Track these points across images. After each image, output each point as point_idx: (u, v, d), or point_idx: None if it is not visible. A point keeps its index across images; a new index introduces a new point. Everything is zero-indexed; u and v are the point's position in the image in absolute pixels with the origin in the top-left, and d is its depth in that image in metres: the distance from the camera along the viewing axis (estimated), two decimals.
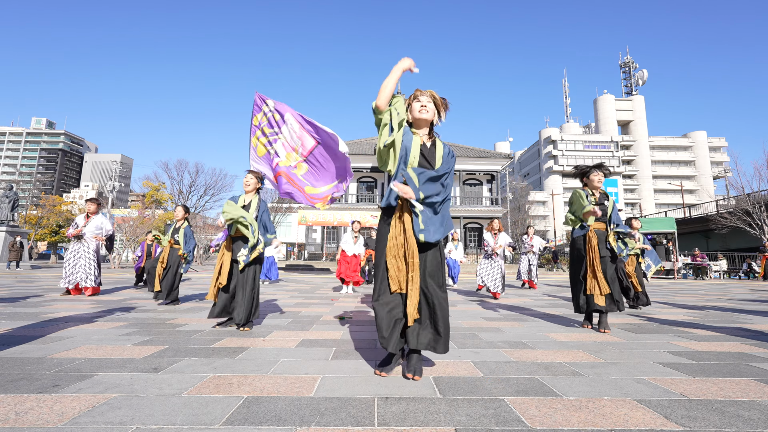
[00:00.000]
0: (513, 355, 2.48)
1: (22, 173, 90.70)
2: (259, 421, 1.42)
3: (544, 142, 67.31)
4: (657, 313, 4.75)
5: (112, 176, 34.50)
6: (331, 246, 29.20)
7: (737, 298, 6.99)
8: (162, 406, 1.55)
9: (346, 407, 1.56)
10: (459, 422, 1.43)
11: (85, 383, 1.80)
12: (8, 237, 15.79)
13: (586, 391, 1.79)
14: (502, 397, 1.70)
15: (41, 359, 2.19)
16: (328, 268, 19.55)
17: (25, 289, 6.47)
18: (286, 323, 3.62)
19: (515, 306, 5.30)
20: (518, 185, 45.13)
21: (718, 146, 68.62)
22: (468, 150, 30.36)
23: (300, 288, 8.18)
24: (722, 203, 29.12)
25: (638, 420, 1.47)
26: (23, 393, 1.66)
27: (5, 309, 4.17)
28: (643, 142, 65.99)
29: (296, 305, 5.08)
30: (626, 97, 70.84)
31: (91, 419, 1.41)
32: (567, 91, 79.85)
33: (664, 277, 17.46)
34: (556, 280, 12.75)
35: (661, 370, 2.17)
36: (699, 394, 1.77)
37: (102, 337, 2.81)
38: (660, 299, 6.58)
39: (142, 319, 3.67)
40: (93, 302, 4.93)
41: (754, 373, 2.11)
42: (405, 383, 1.88)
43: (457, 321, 3.86)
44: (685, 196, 56.08)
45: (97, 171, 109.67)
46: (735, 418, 1.51)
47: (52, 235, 32.36)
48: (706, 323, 3.93)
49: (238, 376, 1.96)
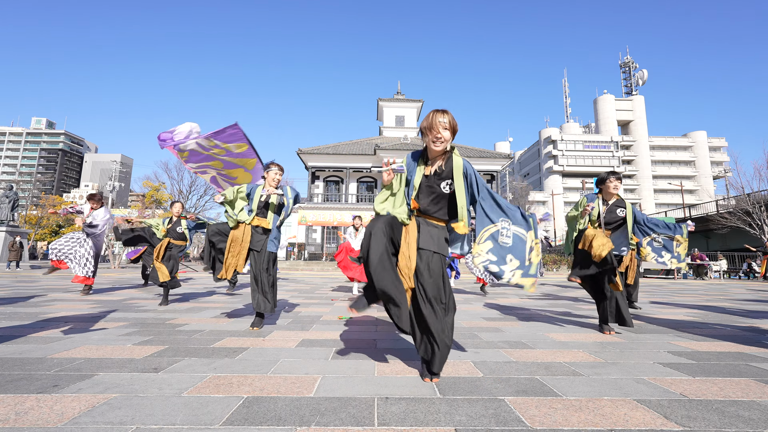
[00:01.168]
0: (513, 355, 2.48)
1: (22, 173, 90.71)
2: (259, 421, 1.42)
3: (544, 142, 67.31)
4: (657, 313, 4.75)
5: (112, 176, 34.53)
6: (331, 246, 29.18)
7: (737, 298, 6.99)
8: (162, 406, 1.55)
9: (346, 407, 1.56)
10: (459, 422, 1.43)
11: (85, 383, 1.80)
12: (8, 237, 15.79)
13: (586, 391, 1.79)
14: (502, 397, 1.70)
15: (41, 359, 2.19)
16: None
17: (25, 289, 6.47)
18: (286, 323, 3.62)
19: (515, 306, 5.30)
20: (518, 185, 45.09)
21: (718, 146, 68.60)
22: (468, 150, 30.36)
23: (300, 288, 8.18)
24: (722, 203, 29.11)
25: (638, 420, 1.47)
26: (23, 393, 1.66)
27: (5, 309, 4.17)
28: (643, 142, 65.97)
29: (296, 305, 5.08)
30: (626, 97, 70.82)
31: (91, 419, 1.41)
32: (567, 91, 79.92)
33: (664, 277, 17.46)
34: (556, 280, 12.75)
35: (661, 370, 2.17)
36: (699, 394, 1.77)
37: (102, 337, 2.81)
38: (660, 299, 6.58)
39: (142, 319, 3.67)
40: (93, 302, 4.93)
41: (754, 373, 2.11)
42: (405, 383, 1.88)
43: (457, 321, 3.86)
44: (685, 196, 56.07)
45: (97, 171, 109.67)
46: (735, 418, 1.51)
47: (52, 235, 32.37)
48: (706, 323, 3.93)
49: (238, 376, 1.96)
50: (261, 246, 3.43)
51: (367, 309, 2.03)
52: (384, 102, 34.82)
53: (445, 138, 1.95)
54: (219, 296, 6.07)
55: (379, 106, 35.43)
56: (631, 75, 73.59)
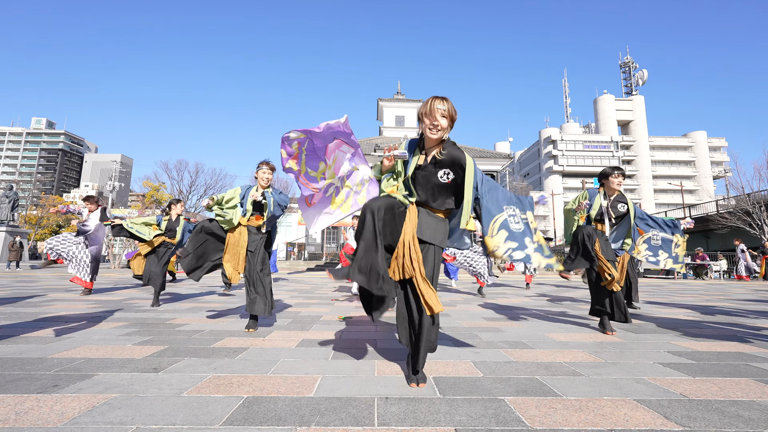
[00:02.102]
0: (513, 355, 2.48)
1: (22, 173, 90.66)
2: (259, 421, 1.42)
3: (544, 142, 67.31)
4: (657, 313, 4.75)
5: (112, 176, 34.52)
6: (331, 246, 29.17)
7: (737, 298, 6.99)
8: (162, 406, 1.55)
9: (346, 407, 1.56)
10: (459, 422, 1.43)
11: (85, 383, 1.80)
12: (8, 237, 15.80)
13: (586, 391, 1.79)
14: (502, 397, 1.70)
15: (41, 359, 2.19)
16: None
17: (25, 289, 6.47)
18: (286, 323, 3.62)
19: (515, 306, 5.30)
20: (518, 185, 45.14)
21: (718, 146, 68.59)
22: (468, 150, 30.37)
23: (300, 288, 8.18)
24: (722, 203, 29.12)
25: (638, 420, 1.47)
26: (23, 393, 1.66)
27: (5, 309, 4.17)
28: (643, 142, 65.96)
29: (296, 305, 5.08)
30: (626, 97, 70.80)
31: (91, 419, 1.41)
32: (567, 91, 79.89)
33: (664, 277, 17.45)
34: (556, 280, 12.75)
35: (661, 370, 2.17)
36: (699, 394, 1.77)
37: (102, 337, 2.81)
38: (660, 299, 6.57)
39: (142, 319, 3.67)
40: (93, 302, 4.93)
41: (754, 373, 2.11)
42: (405, 383, 1.87)
43: (457, 321, 3.86)
44: (685, 196, 56.05)
45: (97, 171, 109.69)
46: (735, 418, 1.51)
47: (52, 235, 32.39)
48: (706, 323, 3.93)
49: (238, 376, 1.96)
50: (255, 246, 3.38)
51: (344, 280, 2.04)
52: (384, 102, 34.81)
53: (443, 126, 1.92)
54: (217, 297, 6.07)
55: (379, 106, 35.43)
56: (631, 75, 73.57)
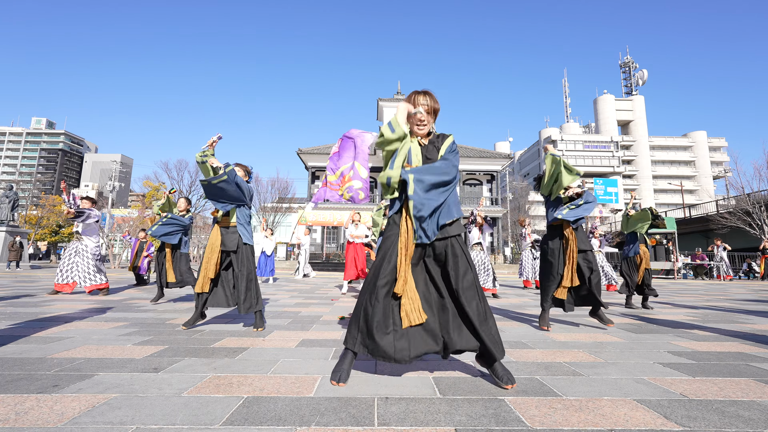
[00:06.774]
0: (513, 355, 2.48)
1: (22, 173, 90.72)
2: (259, 421, 1.42)
3: (544, 142, 67.30)
4: (657, 313, 4.75)
5: (112, 176, 34.47)
6: (331, 246, 29.20)
7: (737, 298, 6.99)
8: (162, 406, 1.55)
9: (346, 407, 1.56)
10: (459, 422, 1.43)
11: (85, 383, 1.80)
12: (8, 237, 15.79)
13: (586, 391, 1.79)
14: (502, 397, 1.70)
15: (41, 359, 2.19)
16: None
17: (25, 289, 6.47)
18: (286, 323, 3.62)
19: (515, 306, 5.30)
20: (518, 185, 45.08)
21: (718, 146, 68.62)
22: (468, 150, 30.37)
23: (300, 288, 8.18)
24: (722, 203, 29.13)
25: (638, 420, 1.47)
26: (23, 393, 1.66)
27: (5, 309, 4.17)
28: (643, 142, 65.96)
29: (296, 305, 5.08)
30: (626, 97, 70.80)
31: (91, 419, 1.41)
32: (567, 91, 79.86)
33: (664, 277, 17.45)
34: None
35: (661, 370, 2.17)
36: (699, 394, 1.77)
37: (102, 337, 2.81)
38: (660, 299, 6.57)
39: (142, 319, 3.67)
40: (93, 302, 4.93)
41: (754, 373, 2.11)
42: (405, 383, 1.88)
43: None
44: (685, 196, 56.08)
45: (97, 171, 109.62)
46: (735, 418, 1.51)
47: (52, 235, 32.36)
48: (706, 323, 3.93)
49: (238, 376, 1.96)
50: (236, 245, 3.31)
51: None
52: (384, 102, 34.79)
53: (428, 120, 1.95)
54: None
55: (379, 106, 35.40)
56: (631, 75, 73.57)
